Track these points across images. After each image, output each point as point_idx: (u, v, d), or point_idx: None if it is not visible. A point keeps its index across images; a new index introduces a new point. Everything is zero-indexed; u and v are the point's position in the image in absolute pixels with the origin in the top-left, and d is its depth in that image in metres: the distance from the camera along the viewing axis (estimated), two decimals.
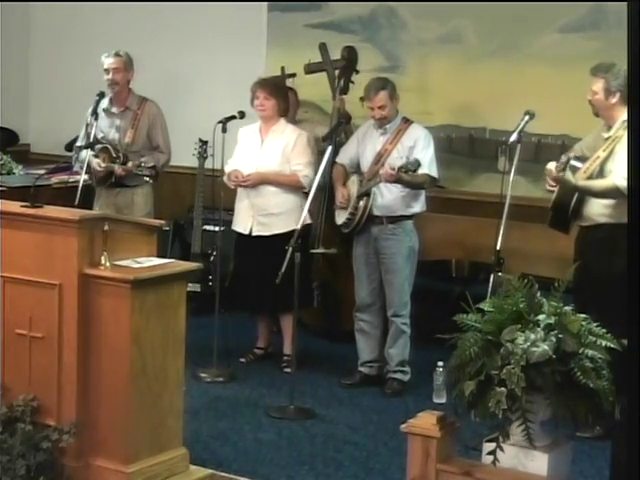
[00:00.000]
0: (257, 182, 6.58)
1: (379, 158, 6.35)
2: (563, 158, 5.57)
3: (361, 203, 6.33)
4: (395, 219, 6.34)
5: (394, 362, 6.42)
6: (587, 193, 5.55)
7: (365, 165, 6.43)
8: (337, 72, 7.46)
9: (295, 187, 6.57)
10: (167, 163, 7.05)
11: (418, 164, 6.04)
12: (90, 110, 6.98)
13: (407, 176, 6.09)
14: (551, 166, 5.57)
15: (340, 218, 6.47)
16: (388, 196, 6.31)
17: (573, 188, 5.52)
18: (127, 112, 7.07)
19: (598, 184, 5.51)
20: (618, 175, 5.39)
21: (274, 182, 6.59)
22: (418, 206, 6.38)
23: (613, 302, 4.98)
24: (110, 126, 7.05)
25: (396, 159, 6.24)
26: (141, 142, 7.04)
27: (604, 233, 5.56)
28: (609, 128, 5.62)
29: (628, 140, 4.04)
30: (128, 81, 7.04)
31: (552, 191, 5.70)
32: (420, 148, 6.29)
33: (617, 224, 5.50)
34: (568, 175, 5.50)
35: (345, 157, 6.58)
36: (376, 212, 6.34)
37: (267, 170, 6.59)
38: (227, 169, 6.70)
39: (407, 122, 6.42)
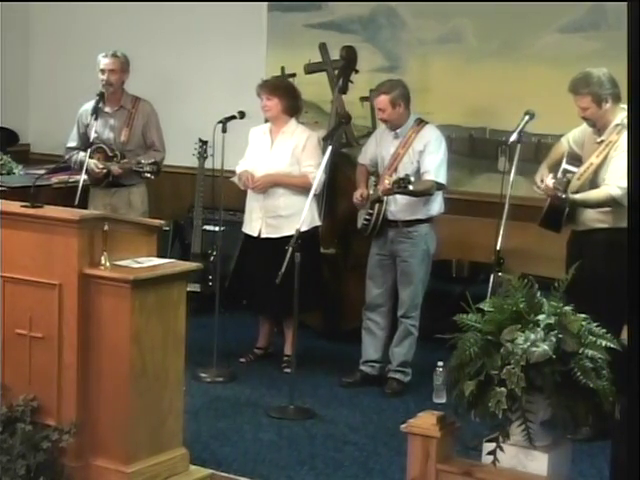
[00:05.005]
0: (266, 185, 6.57)
1: (392, 162, 6.34)
2: (562, 178, 5.52)
3: (375, 208, 6.33)
4: (410, 223, 6.32)
5: (396, 362, 6.42)
6: (583, 205, 5.54)
7: (381, 168, 6.42)
8: (336, 71, 7.46)
9: (305, 188, 6.52)
10: (162, 161, 7.04)
11: (408, 181, 5.99)
12: (88, 110, 6.97)
13: (403, 189, 6.06)
14: (549, 182, 5.55)
15: (359, 221, 6.47)
16: (401, 201, 6.28)
17: (571, 202, 5.51)
18: (121, 111, 7.08)
19: (594, 195, 5.50)
20: (612, 184, 5.38)
21: (284, 184, 6.57)
22: (433, 209, 6.35)
23: (606, 306, 5.00)
24: (104, 126, 7.04)
25: (407, 164, 6.24)
26: (136, 141, 7.05)
27: (599, 238, 5.55)
28: (599, 131, 5.61)
29: (628, 144, 4.03)
30: (123, 82, 7.05)
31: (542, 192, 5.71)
32: (428, 152, 6.25)
33: (612, 229, 5.49)
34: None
35: (365, 157, 6.57)
36: (390, 217, 6.33)
37: (277, 171, 6.57)
38: (238, 170, 6.69)
39: (420, 124, 6.36)
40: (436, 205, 6.37)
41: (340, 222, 7.10)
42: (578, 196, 5.50)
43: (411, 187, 5.98)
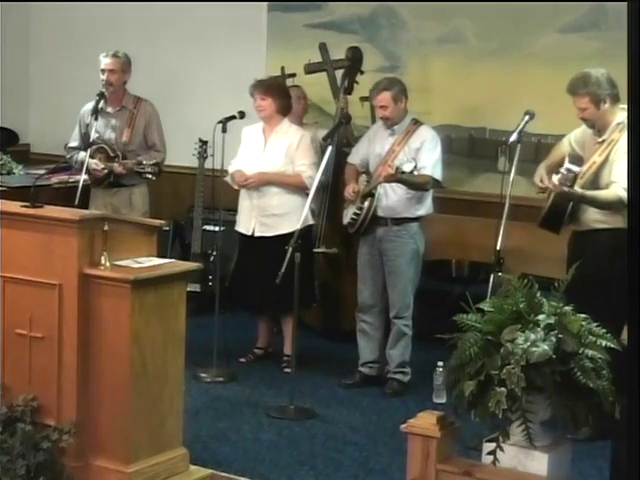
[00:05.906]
0: (260, 183, 6.58)
1: (386, 159, 6.33)
2: (567, 173, 5.49)
3: (365, 203, 6.32)
4: (399, 221, 6.32)
5: (394, 363, 6.42)
6: (592, 204, 5.53)
7: (373, 165, 6.42)
8: (342, 72, 7.45)
9: (298, 188, 6.54)
10: (163, 162, 7.04)
11: (414, 166, 6.01)
12: (90, 109, 6.95)
13: (406, 176, 6.07)
14: (555, 180, 5.53)
15: (347, 218, 6.47)
16: (393, 197, 6.29)
17: (579, 198, 5.50)
18: (123, 111, 7.06)
19: (603, 195, 5.48)
20: (619, 186, 5.37)
21: (277, 183, 6.57)
22: (423, 209, 6.36)
23: (606, 306, 4.99)
24: (105, 126, 7.03)
25: (402, 161, 6.24)
26: (137, 141, 7.04)
27: (600, 238, 5.54)
28: (598, 131, 5.60)
29: (628, 144, 4.02)
30: (124, 82, 7.04)
31: (542, 192, 5.69)
32: (425, 150, 6.26)
33: (613, 229, 5.48)
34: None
35: (356, 157, 6.57)
36: (380, 213, 6.32)
37: (270, 171, 6.58)
38: (230, 169, 6.70)
39: (416, 124, 6.38)
40: (426, 205, 6.37)
41: (342, 222, 7.09)
42: (588, 193, 5.49)
43: (415, 172, 6.00)
